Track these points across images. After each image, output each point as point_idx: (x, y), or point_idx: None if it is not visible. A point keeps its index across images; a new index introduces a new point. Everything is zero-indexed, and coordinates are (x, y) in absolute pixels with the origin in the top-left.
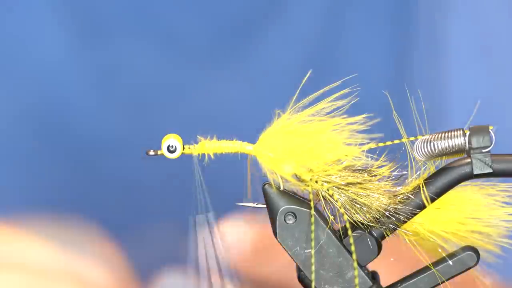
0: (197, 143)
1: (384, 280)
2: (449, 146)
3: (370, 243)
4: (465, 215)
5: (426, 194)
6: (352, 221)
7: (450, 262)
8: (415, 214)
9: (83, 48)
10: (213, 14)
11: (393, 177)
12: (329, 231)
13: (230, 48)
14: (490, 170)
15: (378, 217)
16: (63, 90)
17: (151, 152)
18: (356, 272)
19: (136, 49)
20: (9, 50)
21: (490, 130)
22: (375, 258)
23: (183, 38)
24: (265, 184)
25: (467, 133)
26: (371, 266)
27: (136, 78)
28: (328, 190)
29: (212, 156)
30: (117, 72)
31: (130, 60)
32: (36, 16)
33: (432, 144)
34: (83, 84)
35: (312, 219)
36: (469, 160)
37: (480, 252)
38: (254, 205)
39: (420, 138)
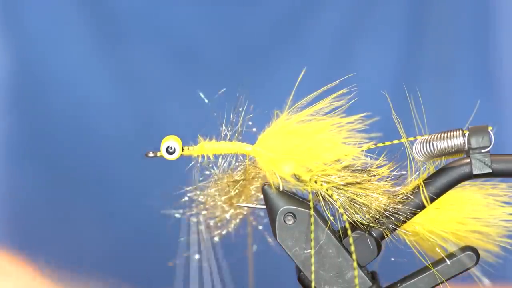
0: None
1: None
2: (448, 146)
3: (369, 243)
4: (465, 215)
5: (426, 194)
6: (351, 221)
7: (450, 262)
8: (414, 214)
9: (103, 52)
10: (233, 30)
11: (393, 177)
12: (328, 231)
13: (246, 64)
14: (490, 170)
15: (377, 217)
16: (80, 89)
17: (150, 154)
18: (356, 272)
19: (154, 58)
20: (33, 50)
21: (489, 130)
22: (374, 258)
23: (201, 52)
24: (265, 184)
25: (466, 133)
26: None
27: (151, 85)
28: (327, 190)
29: (211, 157)
30: (133, 76)
31: (147, 67)
32: (60, 16)
33: (431, 144)
34: (100, 85)
35: (312, 219)
36: (468, 160)
37: (480, 252)
38: (254, 205)
39: (419, 138)
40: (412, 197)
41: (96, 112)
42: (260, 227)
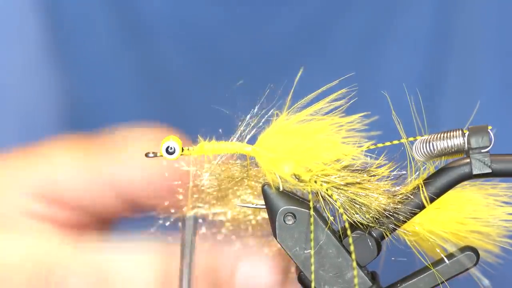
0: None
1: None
2: (448, 146)
3: (369, 243)
4: (465, 215)
5: (426, 194)
6: (351, 221)
7: (449, 263)
8: (414, 214)
9: (127, 49)
10: (254, 33)
11: (393, 177)
12: (328, 231)
13: (266, 68)
14: (489, 170)
15: (377, 217)
16: (103, 85)
17: (151, 154)
18: (355, 272)
19: (177, 56)
20: (58, 44)
21: (489, 130)
22: (374, 258)
23: (225, 52)
24: (265, 184)
25: (466, 133)
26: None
27: (173, 82)
28: (327, 190)
29: (211, 157)
30: (156, 74)
31: (169, 65)
32: (85, 14)
33: (431, 144)
34: (122, 82)
35: (312, 219)
36: (468, 160)
37: (480, 252)
38: (254, 205)
39: (419, 138)
40: (412, 197)
41: (118, 108)
42: None
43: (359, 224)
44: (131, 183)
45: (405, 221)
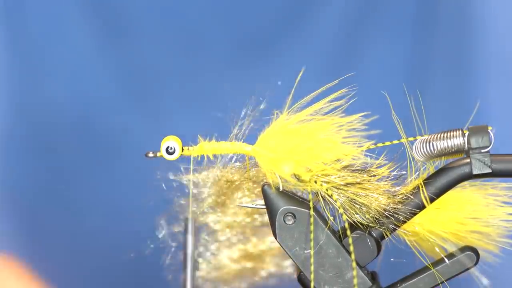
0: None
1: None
2: (448, 146)
3: (369, 243)
4: (465, 215)
5: (426, 194)
6: (351, 222)
7: (449, 263)
8: (414, 214)
9: (106, 47)
10: (236, 22)
11: (393, 177)
12: (328, 231)
13: (250, 56)
14: (489, 170)
15: (377, 217)
16: (84, 85)
17: (150, 154)
18: (355, 272)
19: (158, 50)
20: (35, 45)
21: (489, 130)
22: (374, 258)
23: (205, 43)
24: (264, 184)
25: (466, 133)
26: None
27: (156, 78)
28: (327, 190)
29: (211, 157)
30: (138, 70)
31: (151, 60)
32: (62, 12)
33: (431, 144)
34: (104, 81)
35: (312, 219)
36: (468, 160)
37: (480, 252)
38: (254, 205)
39: (419, 138)
40: (412, 197)
41: (98, 107)
42: None
43: (359, 224)
44: None
45: (405, 221)
